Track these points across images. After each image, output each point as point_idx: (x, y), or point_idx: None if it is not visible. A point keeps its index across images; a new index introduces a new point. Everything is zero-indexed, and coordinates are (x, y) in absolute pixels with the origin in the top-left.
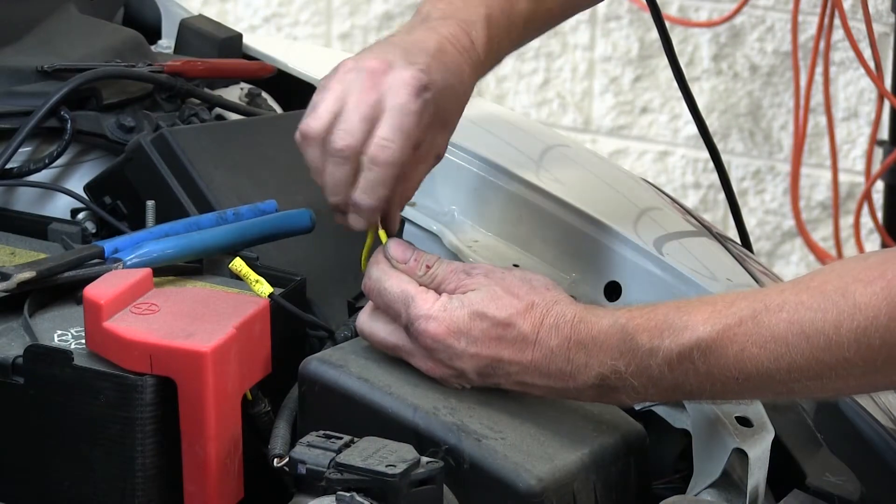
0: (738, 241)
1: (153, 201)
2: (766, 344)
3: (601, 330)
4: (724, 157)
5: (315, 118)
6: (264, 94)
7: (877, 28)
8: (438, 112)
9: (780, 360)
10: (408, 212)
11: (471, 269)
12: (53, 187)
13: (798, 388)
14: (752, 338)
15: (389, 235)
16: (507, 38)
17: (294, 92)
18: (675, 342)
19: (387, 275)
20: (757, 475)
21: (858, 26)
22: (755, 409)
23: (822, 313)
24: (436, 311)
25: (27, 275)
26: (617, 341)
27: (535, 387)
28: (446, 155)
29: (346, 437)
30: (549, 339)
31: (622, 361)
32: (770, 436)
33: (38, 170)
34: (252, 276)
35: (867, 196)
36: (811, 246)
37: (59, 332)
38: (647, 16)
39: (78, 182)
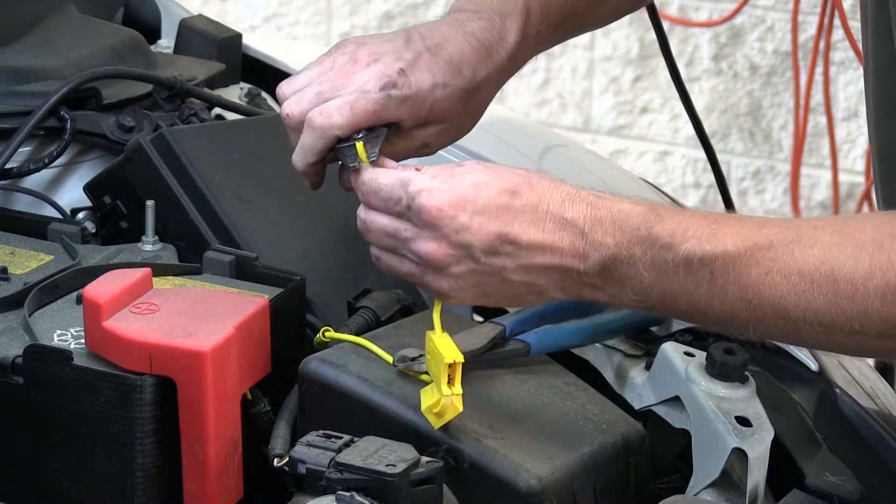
0: None
1: (153, 201)
2: (790, 275)
3: (622, 210)
4: (724, 157)
5: (289, 84)
6: (264, 94)
7: None
8: (417, 108)
9: (800, 296)
10: None
11: (460, 163)
12: (39, 195)
13: (806, 331)
14: (778, 265)
15: None
16: (545, 29)
17: None
18: (699, 246)
19: (378, 171)
20: (756, 475)
21: (858, 26)
22: (755, 409)
23: (855, 261)
24: (437, 184)
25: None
26: (638, 225)
27: (540, 270)
28: (446, 155)
29: (346, 437)
30: (562, 210)
31: (639, 248)
32: (770, 436)
33: (37, 169)
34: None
35: (867, 196)
36: None
37: (59, 331)
38: (647, 16)
39: (78, 182)
